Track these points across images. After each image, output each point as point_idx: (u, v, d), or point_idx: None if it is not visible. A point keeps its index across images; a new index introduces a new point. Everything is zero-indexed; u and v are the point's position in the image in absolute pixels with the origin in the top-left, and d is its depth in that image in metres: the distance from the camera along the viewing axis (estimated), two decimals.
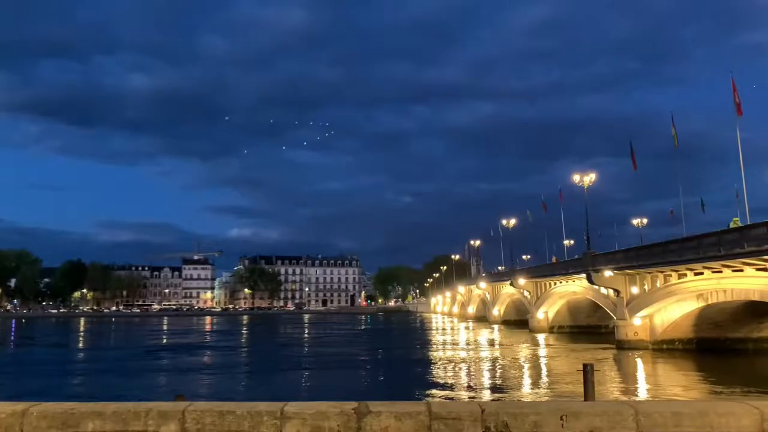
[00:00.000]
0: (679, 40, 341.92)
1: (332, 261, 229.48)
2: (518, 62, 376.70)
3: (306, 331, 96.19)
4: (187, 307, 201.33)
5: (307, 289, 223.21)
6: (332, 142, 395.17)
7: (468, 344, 62.42)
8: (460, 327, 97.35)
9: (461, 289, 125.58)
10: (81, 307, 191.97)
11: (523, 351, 51.27)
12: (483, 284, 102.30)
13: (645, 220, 76.45)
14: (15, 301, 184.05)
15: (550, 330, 69.22)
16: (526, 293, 76.93)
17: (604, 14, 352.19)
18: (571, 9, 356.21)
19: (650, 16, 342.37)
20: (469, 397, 27.97)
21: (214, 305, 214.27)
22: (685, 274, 41.36)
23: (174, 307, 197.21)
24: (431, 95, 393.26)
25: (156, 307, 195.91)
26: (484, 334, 74.10)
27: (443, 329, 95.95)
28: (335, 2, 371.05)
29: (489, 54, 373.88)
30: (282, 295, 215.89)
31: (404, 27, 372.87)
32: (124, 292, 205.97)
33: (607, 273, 49.12)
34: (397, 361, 46.32)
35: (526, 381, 35.04)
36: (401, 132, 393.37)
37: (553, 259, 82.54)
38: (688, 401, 11.86)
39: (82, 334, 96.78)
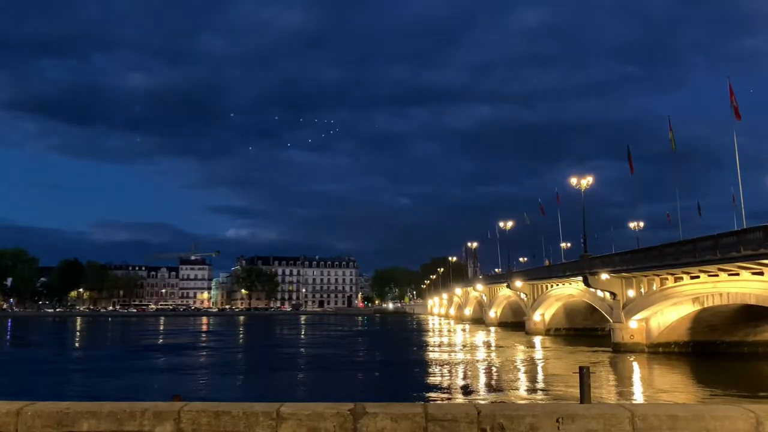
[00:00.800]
0: (678, 45, 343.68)
1: (329, 262, 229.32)
2: (517, 66, 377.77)
3: (303, 332, 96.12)
4: (184, 307, 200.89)
5: (304, 290, 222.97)
6: (330, 143, 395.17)
7: (464, 346, 62.44)
8: (456, 329, 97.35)
9: (458, 291, 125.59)
10: (77, 307, 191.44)
11: (520, 353, 51.29)
12: (480, 286, 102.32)
13: (642, 224, 76.65)
14: (11, 300, 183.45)
15: (547, 332, 69.25)
16: (522, 295, 76.96)
17: (603, 19, 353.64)
18: (570, 13, 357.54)
19: (649, 21, 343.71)
20: (465, 399, 27.98)
21: (211, 305, 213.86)
22: (682, 278, 41.44)
23: (171, 307, 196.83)
24: (430, 97, 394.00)
25: (153, 307, 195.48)
26: (480, 336, 74.12)
27: (440, 331, 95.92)
28: (334, 4, 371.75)
29: (488, 57, 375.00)
30: (279, 296, 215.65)
31: (403, 29, 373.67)
32: (121, 292, 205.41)
33: (604, 276, 49.18)
34: (394, 362, 46.29)
35: (523, 383, 35.04)
36: (399, 134, 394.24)
37: (546, 262, 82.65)
38: (684, 404, 11.86)
39: (78, 333, 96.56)
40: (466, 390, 31.41)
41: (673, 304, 43.43)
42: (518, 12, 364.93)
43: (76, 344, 74.86)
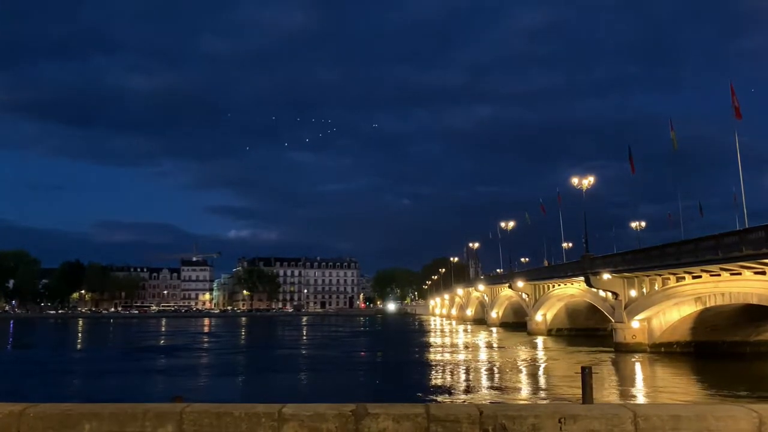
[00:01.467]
0: (678, 44, 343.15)
1: (331, 263, 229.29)
2: (517, 66, 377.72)
3: (304, 333, 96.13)
4: (186, 308, 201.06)
5: (305, 291, 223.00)
6: (331, 143, 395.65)
7: (466, 346, 62.40)
8: (458, 329, 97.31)
9: (460, 291, 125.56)
10: (79, 309, 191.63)
11: (522, 353, 51.24)
12: (481, 287, 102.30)
13: (643, 224, 76.51)
14: (13, 302, 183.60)
15: (549, 332, 69.21)
16: (524, 296, 76.93)
17: (603, 19, 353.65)
18: (570, 13, 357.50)
19: (649, 20, 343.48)
20: (467, 400, 27.96)
21: (213, 307, 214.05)
22: (684, 278, 41.39)
23: (172, 308, 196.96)
24: (431, 98, 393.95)
25: (154, 308, 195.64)
26: (482, 337, 74.10)
27: (441, 331, 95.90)
28: (335, 4, 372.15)
29: (488, 57, 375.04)
30: (280, 297, 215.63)
31: (404, 29, 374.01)
32: (123, 294, 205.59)
33: (606, 276, 49.14)
34: (396, 363, 46.29)
35: (525, 383, 35.02)
36: (400, 134, 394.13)
37: (545, 263, 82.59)
38: (686, 404, 11.84)
39: (80, 335, 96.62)
40: (468, 390, 31.39)
41: (674, 304, 43.37)
42: (518, 12, 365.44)
43: (78, 346, 74.89)
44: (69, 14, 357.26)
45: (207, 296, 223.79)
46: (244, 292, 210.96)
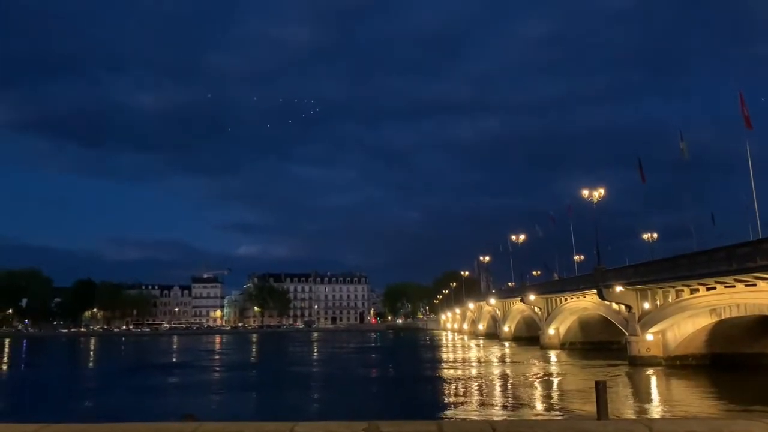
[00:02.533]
0: (685, 51, 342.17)
1: (341, 278, 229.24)
2: (523, 75, 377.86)
3: (315, 349, 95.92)
4: (197, 325, 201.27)
5: (316, 306, 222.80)
6: (338, 156, 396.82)
7: (479, 361, 61.97)
8: (470, 344, 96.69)
9: (471, 305, 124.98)
10: (91, 327, 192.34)
11: (535, 368, 50.82)
12: (493, 301, 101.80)
13: (655, 234, 75.94)
14: (26, 320, 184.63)
15: (562, 346, 68.66)
16: (536, 309, 76.45)
17: (608, 26, 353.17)
18: (575, 22, 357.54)
19: (655, 27, 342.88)
20: (480, 416, 27.73)
21: (224, 323, 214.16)
22: (697, 289, 41.02)
23: (184, 325, 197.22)
24: (437, 109, 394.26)
25: (166, 325, 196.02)
26: (494, 351, 73.59)
27: (453, 346, 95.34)
28: (340, 18, 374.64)
29: (494, 67, 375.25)
30: (291, 313, 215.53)
31: (408, 42, 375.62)
32: (135, 311, 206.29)
33: (618, 288, 48.79)
34: (408, 378, 46.06)
35: (538, 399, 34.68)
36: (407, 146, 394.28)
37: (555, 276, 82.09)
38: (702, 419, 11.69)
39: (92, 353, 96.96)
40: (481, 406, 31.13)
41: (689, 316, 42.96)
42: (523, 21, 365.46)
43: (90, 364, 75.12)
44: (77, 32, 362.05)
45: (218, 313, 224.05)
46: (255, 308, 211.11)
